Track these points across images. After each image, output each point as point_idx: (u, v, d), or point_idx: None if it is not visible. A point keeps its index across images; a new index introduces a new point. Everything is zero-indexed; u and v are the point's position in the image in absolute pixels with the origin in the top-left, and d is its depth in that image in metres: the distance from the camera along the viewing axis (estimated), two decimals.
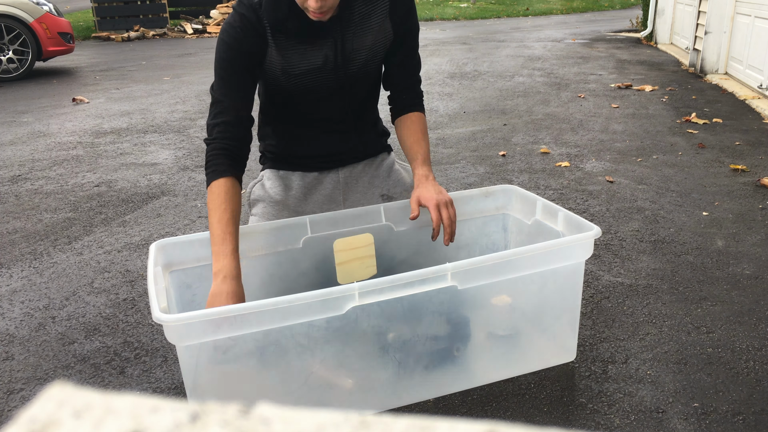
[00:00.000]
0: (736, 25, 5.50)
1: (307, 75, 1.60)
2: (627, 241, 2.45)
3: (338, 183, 1.81)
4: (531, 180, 3.20)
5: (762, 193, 2.91)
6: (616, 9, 15.06)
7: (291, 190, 1.78)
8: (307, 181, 1.79)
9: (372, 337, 1.44)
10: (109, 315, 2.04)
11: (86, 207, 3.03)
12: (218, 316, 1.24)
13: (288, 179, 1.79)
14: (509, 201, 1.91)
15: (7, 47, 6.63)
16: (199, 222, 2.80)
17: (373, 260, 1.67)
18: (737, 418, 1.48)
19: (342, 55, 1.60)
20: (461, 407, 1.55)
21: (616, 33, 9.61)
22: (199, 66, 7.53)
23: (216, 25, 11.42)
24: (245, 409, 0.26)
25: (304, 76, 1.60)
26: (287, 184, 1.78)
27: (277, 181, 1.78)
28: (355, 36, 1.60)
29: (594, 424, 1.48)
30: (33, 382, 1.70)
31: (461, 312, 1.51)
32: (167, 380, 1.70)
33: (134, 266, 2.39)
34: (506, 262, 1.46)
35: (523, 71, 6.42)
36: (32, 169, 3.66)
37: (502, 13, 14.18)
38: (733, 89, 5.13)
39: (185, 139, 4.25)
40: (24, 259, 2.48)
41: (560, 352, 1.68)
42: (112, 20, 11.30)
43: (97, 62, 8.19)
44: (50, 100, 5.67)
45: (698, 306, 1.98)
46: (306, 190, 1.79)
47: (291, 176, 1.79)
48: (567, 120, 4.40)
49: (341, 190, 1.81)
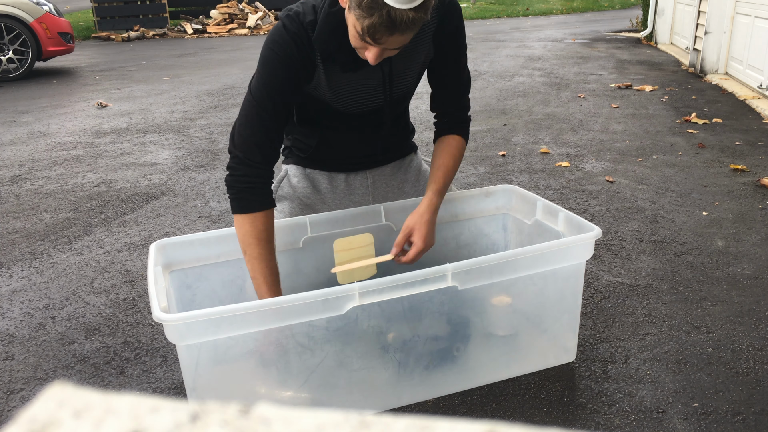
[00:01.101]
0: (736, 25, 5.50)
1: (353, 97, 1.56)
2: (627, 241, 2.45)
3: (367, 187, 1.79)
4: (531, 180, 3.20)
5: (762, 193, 2.91)
6: (616, 9, 15.06)
7: (320, 193, 1.75)
8: (335, 184, 1.76)
9: (372, 337, 1.44)
10: (109, 315, 2.04)
11: (86, 207, 3.03)
12: (218, 315, 1.24)
13: (315, 179, 1.76)
14: (509, 201, 1.91)
15: (7, 47, 6.63)
16: (199, 222, 2.80)
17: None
18: (737, 418, 1.48)
19: (389, 79, 1.55)
20: (461, 407, 1.55)
21: (616, 33, 9.61)
22: (199, 66, 7.53)
23: (216, 25, 11.42)
24: (245, 409, 0.26)
25: (350, 97, 1.55)
26: (315, 185, 1.75)
27: (304, 181, 1.75)
28: (401, 60, 1.54)
29: (594, 424, 1.48)
30: (33, 382, 1.70)
31: (461, 312, 1.51)
32: (167, 380, 1.70)
33: (134, 266, 2.39)
34: (506, 262, 1.46)
35: (523, 71, 6.42)
36: (32, 169, 3.66)
37: (502, 13, 14.18)
38: (733, 89, 5.13)
39: (185, 139, 4.25)
40: (24, 259, 2.48)
41: (560, 352, 1.68)
42: (112, 20, 11.30)
43: (97, 62, 8.19)
44: (50, 100, 5.67)
45: (698, 306, 1.98)
46: (335, 192, 1.76)
47: (318, 176, 1.75)
48: (567, 120, 4.40)
49: (370, 194, 1.79)
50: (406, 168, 1.83)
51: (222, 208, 2.95)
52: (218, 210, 2.93)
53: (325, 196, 1.76)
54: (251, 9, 11.80)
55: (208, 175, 3.45)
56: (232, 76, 6.66)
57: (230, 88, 6.04)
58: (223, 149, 3.96)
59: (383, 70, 1.53)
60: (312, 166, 1.76)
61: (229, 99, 5.53)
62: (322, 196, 1.76)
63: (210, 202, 3.03)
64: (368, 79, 1.53)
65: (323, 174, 1.76)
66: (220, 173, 3.47)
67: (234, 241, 1.66)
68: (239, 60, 7.90)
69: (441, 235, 1.90)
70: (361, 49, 1.36)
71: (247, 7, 11.82)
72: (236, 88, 6.02)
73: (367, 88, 1.55)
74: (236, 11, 11.70)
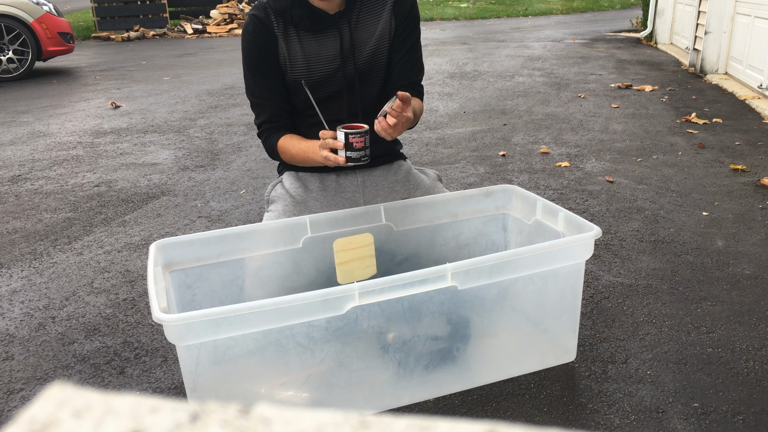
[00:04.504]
0: (736, 25, 5.50)
1: (316, 65, 1.66)
2: (627, 241, 2.45)
3: (357, 185, 1.82)
4: (531, 180, 3.20)
5: (762, 193, 2.91)
6: (616, 9, 15.06)
7: (311, 192, 1.80)
8: (326, 183, 1.81)
9: (372, 337, 1.44)
10: (109, 315, 2.04)
11: (86, 207, 3.03)
12: (218, 315, 1.24)
13: (306, 180, 1.82)
14: (509, 201, 1.91)
15: (7, 47, 6.63)
16: (199, 222, 2.80)
17: (373, 260, 1.67)
18: (737, 418, 1.48)
19: (350, 45, 1.66)
20: (461, 407, 1.55)
21: (616, 33, 9.61)
22: (199, 66, 7.53)
23: (216, 25, 11.42)
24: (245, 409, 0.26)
25: (313, 66, 1.65)
26: (306, 185, 1.81)
27: (296, 182, 1.81)
28: (359, 27, 1.67)
29: (594, 424, 1.48)
30: (33, 382, 1.70)
31: (461, 312, 1.51)
32: (167, 380, 1.70)
33: (134, 266, 2.39)
34: (506, 262, 1.46)
35: (523, 71, 6.42)
36: (32, 169, 3.66)
37: (502, 13, 14.18)
38: (733, 89, 5.13)
39: (185, 139, 4.25)
40: (24, 259, 2.48)
41: (560, 352, 1.68)
42: (112, 20, 11.30)
43: (97, 62, 8.19)
44: (50, 100, 5.67)
45: (698, 306, 1.98)
46: (326, 191, 1.80)
47: (309, 177, 1.82)
48: (567, 120, 4.40)
49: (361, 193, 1.82)
50: (395, 170, 1.86)
51: (222, 208, 2.95)
52: (218, 210, 2.93)
53: (317, 194, 1.79)
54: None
55: (208, 175, 3.45)
56: (232, 76, 6.66)
57: (230, 88, 6.04)
58: (223, 149, 3.96)
59: (341, 35, 1.66)
60: (304, 170, 1.82)
61: (229, 99, 5.53)
62: (314, 194, 1.79)
63: (210, 202, 3.03)
64: (328, 44, 1.66)
65: (314, 175, 1.82)
66: (220, 173, 3.48)
67: (234, 241, 1.67)
68: (239, 60, 7.87)
69: (441, 235, 1.90)
70: None
71: (247, 7, 11.82)
72: (236, 88, 6.02)
73: (326, 50, 1.67)
74: (236, 11, 11.70)
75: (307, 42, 1.65)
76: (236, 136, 4.27)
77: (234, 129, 4.47)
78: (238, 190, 3.19)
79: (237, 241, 1.67)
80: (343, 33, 1.65)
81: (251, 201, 3.04)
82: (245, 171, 3.50)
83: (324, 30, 1.64)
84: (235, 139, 4.19)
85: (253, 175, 3.43)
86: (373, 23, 1.69)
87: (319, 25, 1.63)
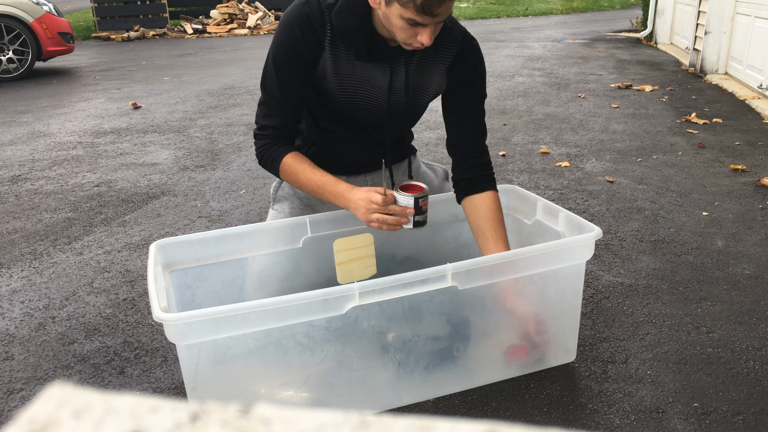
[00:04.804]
0: (736, 25, 5.50)
1: (357, 89, 1.56)
2: (627, 241, 2.45)
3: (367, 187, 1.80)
4: (531, 180, 3.20)
5: (762, 193, 2.91)
6: (616, 9, 15.06)
7: None
8: None
9: (372, 337, 1.44)
10: (109, 315, 2.04)
11: (86, 207, 3.03)
12: (218, 315, 1.24)
13: None
14: (509, 201, 1.91)
15: (7, 47, 6.63)
16: (199, 222, 2.80)
17: (373, 260, 1.67)
18: (737, 418, 1.48)
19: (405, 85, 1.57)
20: (461, 407, 1.55)
21: (616, 33, 9.61)
22: (199, 66, 7.53)
23: (216, 25, 11.42)
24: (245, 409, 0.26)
25: (354, 89, 1.56)
26: None
27: None
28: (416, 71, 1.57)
29: (594, 424, 1.48)
30: (33, 382, 1.70)
31: (461, 312, 1.51)
32: (167, 380, 1.70)
33: (134, 266, 2.39)
34: (506, 262, 1.46)
35: (523, 71, 6.42)
36: (32, 169, 3.66)
37: (501, 13, 14.18)
38: (733, 89, 5.13)
39: (185, 139, 4.25)
40: (24, 259, 2.48)
41: (560, 352, 1.68)
42: (112, 20, 11.30)
43: (97, 62, 8.19)
44: (50, 100, 5.67)
45: (698, 306, 1.97)
46: None
47: None
48: (567, 120, 4.40)
49: None
50: (404, 171, 1.84)
51: (222, 208, 2.95)
52: (218, 210, 2.93)
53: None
54: (251, 9, 11.79)
55: (208, 175, 3.45)
56: (232, 76, 6.66)
57: (230, 88, 6.04)
58: (223, 149, 3.96)
59: (392, 71, 1.55)
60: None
61: (229, 99, 5.53)
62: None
63: (210, 202, 3.03)
64: (375, 74, 1.54)
65: None
66: (220, 173, 3.48)
67: (234, 241, 1.67)
68: (239, 60, 7.90)
69: (441, 235, 1.90)
70: (412, 37, 1.39)
71: (247, 7, 11.82)
72: (236, 88, 6.02)
73: (373, 85, 1.56)
74: (236, 11, 11.69)
75: (357, 64, 1.53)
76: (236, 136, 4.27)
77: (234, 129, 4.47)
78: (238, 190, 3.19)
79: (237, 241, 1.67)
80: (395, 69, 1.54)
81: (251, 201, 3.04)
82: (245, 171, 3.50)
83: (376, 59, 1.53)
84: (235, 139, 4.19)
85: (253, 175, 3.43)
86: (430, 69, 1.58)
87: (374, 57, 1.51)
